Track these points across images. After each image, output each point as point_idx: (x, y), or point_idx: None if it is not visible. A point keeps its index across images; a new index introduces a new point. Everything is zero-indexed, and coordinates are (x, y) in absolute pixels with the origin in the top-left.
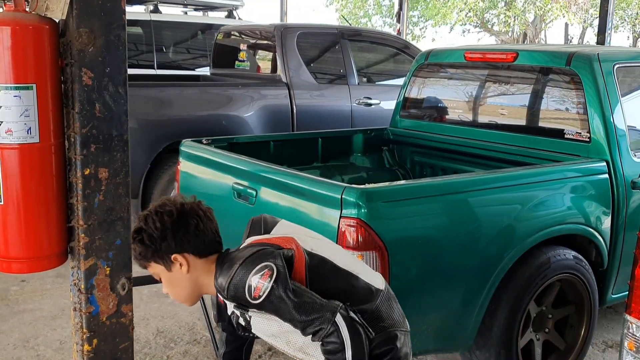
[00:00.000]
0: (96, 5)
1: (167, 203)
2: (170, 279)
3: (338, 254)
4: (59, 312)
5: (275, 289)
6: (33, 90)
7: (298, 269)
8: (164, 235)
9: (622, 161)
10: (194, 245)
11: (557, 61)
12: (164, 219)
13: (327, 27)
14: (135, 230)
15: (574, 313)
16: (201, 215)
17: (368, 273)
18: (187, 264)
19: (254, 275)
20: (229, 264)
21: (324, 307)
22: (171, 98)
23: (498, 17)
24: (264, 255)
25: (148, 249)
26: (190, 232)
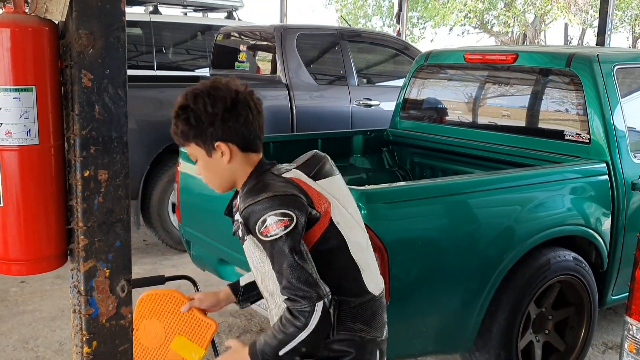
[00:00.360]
0: (96, 7)
1: (221, 87)
2: (208, 163)
3: (358, 241)
4: (59, 313)
5: (283, 240)
6: (33, 92)
7: (313, 233)
8: (212, 121)
9: (622, 162)
10: (240, 136)
11: (557, 62)
12: (217, 104)
13: (327, 28)
14: (181, 106)
15: (574, 314)
16: (252, 107)
17: (372, 273)
18: (230, 154)
19: (272, 216)
20: (261, 187)
21: (315, 286)
22: (171, 99)
23: (497, 18)
24: (293, 203)
25: (192, 130)
26: (239, 123)
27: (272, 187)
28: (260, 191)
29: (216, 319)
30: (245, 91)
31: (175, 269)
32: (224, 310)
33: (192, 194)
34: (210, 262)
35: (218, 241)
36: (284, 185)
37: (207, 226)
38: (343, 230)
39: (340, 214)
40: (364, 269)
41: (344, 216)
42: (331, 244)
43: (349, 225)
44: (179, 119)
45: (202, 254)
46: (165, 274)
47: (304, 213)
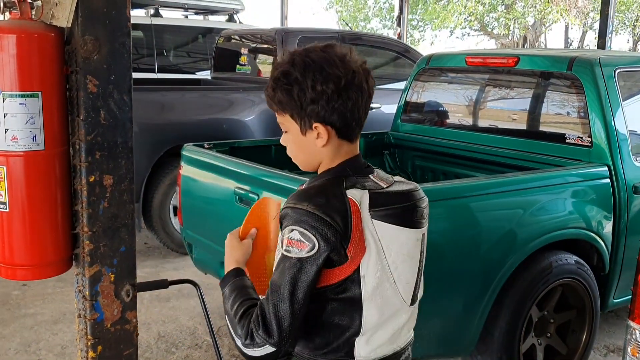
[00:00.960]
0: (101, 13)
1: (337, 64)
2: (299, 140)
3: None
4: (61, 317)
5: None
6: (38, 98)
7: (332, 275)
8: (318, 99)
9: (623, 166)
10: (342, 121)
11: (559, 66)
12: (328, 83)
13: (328, 31)
14: (285, 73)
15: (576, 318)
16: (364, 90)
17: (375, 339)
18: (327, 137)
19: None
20: (313, 193)
21: (282, 332)
22: (172, 102)
23: (498, 21)
24: (325, 234)
25: (291, 102)
26: (347, 107)
27: (321, 200)
28: (308, 197)
29: (218, 322)
30: (363, 71)
31: (176, 272)
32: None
33: (193, 197)
34: (211, 265)
35: (220, 244)
36: (334, 206)
37: (208, 229)
38: (366, 286)
39: (374, 270)
40: (365, 333)
41: (376, 274)
42: (345, 295)
43: (379, 288)
44: (279, 85)
45: (204, 257)
46: (166, 277)
47: (329, 249)
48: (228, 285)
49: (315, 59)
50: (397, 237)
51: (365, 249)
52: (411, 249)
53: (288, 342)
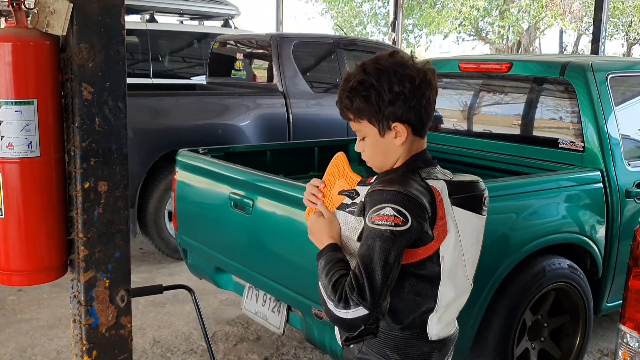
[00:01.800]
0: (96, 21)
1: (408, 65)
2: (377, 143)
3: (456, 282)
4: (56, 322)
5: (384, 235)
6: (34, 105)
7: (415, 253)
8: (395, 100)
9: (616, 170)
10: (418, 118)
11: (551, 71)
12: (405, 83)
13: (323, 37)
14: (361, 81)
15: (570, 322)
16: (434, 86)
17: (445, 319)
18: (406, 135)
19: (391, 208)
20: (399, 180)
21: (375, 296)
22: (167, 107)
23: (492, 26)
24: (417, 211)
25: (369, 108)
26: (422, 104)
27: (408, 185)
28: (395, 182)
29: (213, 327)
30: (431, 70)
31: (171, 277)
32: (221, 319)
33: (188, 203)
34: (206, 270)
35: (215, 249)
36: (420, 190)
37: (203, 234)
38: (445, 265)
39: (452, 251)
40: (439, 310)
41: (453, 255)
42: (425, 272)
43: (455, 267)
44: (356, 94)
45: (199, 263)
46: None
47: (420, 227)
48: (324, 258)
49: (387, 65)
50: (470, 221)
51: (447, 232)
52: (479, 234)
53: (380, 307)
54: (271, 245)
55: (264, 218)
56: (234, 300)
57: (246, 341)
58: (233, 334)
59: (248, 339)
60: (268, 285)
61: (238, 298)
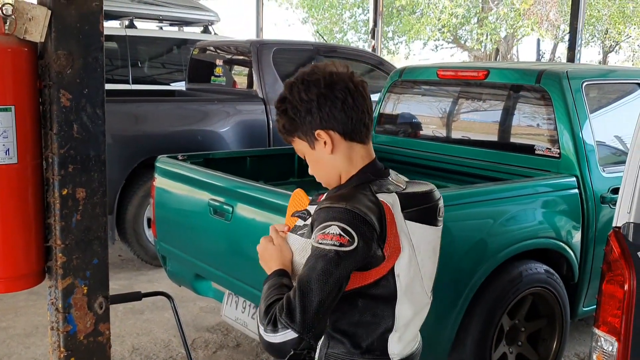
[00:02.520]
0: (74, 28)
1: (315, 71)
2: (313, 157)
3: (414, 299)
4: (33, 330)
5: (328, 255)
6: (12, 111)
7: (368, 275)
8: (309, 108)
9: (591, 176)
10: (340, 122)
11: (527, 79)
12: (312, 89)
13: (303, 44)
14: (280, 99)
15: (546, 326)
16: (352, 89)
17: (406, 337)
18: (332, 142)
19: (337, 227)
20: (347, 196)
21: (305, 320)
22: (146, 113)
23: (471, 33)
24: (364, 232)
25: (292, 123)
26: (337, 107)
27: (357, 201)
28: (343, 199)
29: (192, 334)
30: (343, 72)
31: (150, 284)
32: (200, 326)
33: (167, 209)
34: (186, 277)
35: (194, 256)
36: (369, 207)
37: (183, 241)
38: (400, 283)
39: (407, 269)
40: (398, 330)
41: (409, 272)
42: (380, 292)
43: (411, 284)
44: (278, 112)
45: (178, 270)
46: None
47: (367, 249)
48: (267, 283)
49: (297, 76)
50: (425, 235)
51: (401, 250)
52: (435, 246)
53: (311, 332)
54: (251, 252)
55: (243, 224)
56: (214, 307)
57: (226, 348)
58: (213, 341)
59: (228, 345)
60: (248, 292)
61: (217, 305)
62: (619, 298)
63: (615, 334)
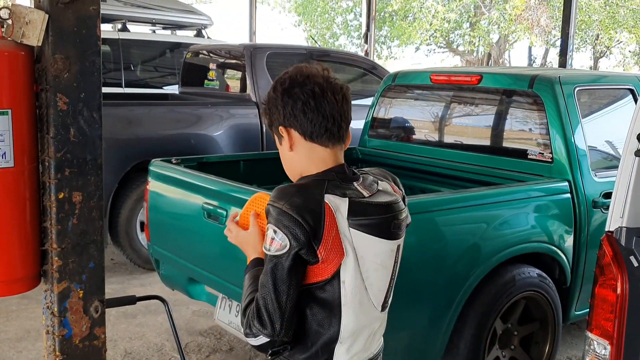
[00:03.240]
0: (72, 32)
1: (289, 71)
2: (280, 152)
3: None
4: (25, 334)
5: (269, 259)
6: (8, 115)
7: (313, 273)
8: (275, 105)
9: (583, 181)
10: (299, 122)
11: (520, 84)
12: (277, 87)
13: (296, 48)
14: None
15: (539, 330)
16: (316, 91)
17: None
18: (290, 140)
19: (272, 231)
20: (291, 192)
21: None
22: (139, 117)
23: (463, 38)
24: (296, 234)
25: (268, 118)
26: (297, 107)
27: (297, 197)
28: (286, 195)
29: (185, 338)
30: (317, 75)
31: (143, 288)
32: (193, 330)
33: (161, 213)
34: (179, 281)
35: (187, 260)
36: (306, 206)
37: (176, 245)
38: (345, 293)
39: (353, 276)
40: (344, 341)
41: (356, 280)
42: (324, 296)
43: (358, 294)
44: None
45: (171, 273)
46: (133, 293)
47: (299, 247)
48: (247, 274)
49: (279, 77)
50: (372, 246)
51: (344, 254)
52: (385, 259)
53: (281, 333)
54: (244, 256)
55: None
56: (207, 311)
57: (219, 352)
58: (206, 344)
59: (221, 349)
60: (241, 296)
61: (210, 309)
62: (612, 302)
63: (608, 337)
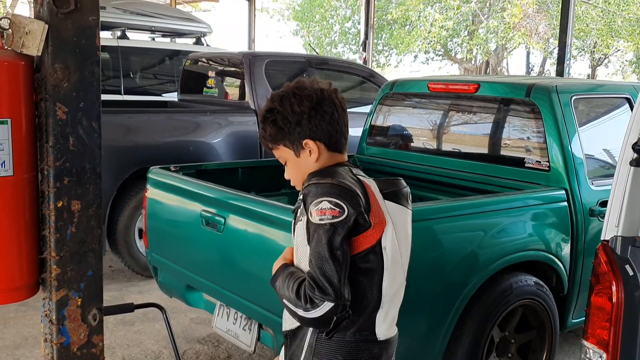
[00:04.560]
0: (71, 42)
1: (306, 87)
2: (296, 164)
3: (396, 278)
4: (22, 342)
5: (326, 228)
6: (8, 124)
7: (358, 243)
8: (300, 120)
9: (580, 189)
10: (327, 134)
11: (517, 92)
12: (303, 102)
13: (295, 56)
14: (267, 109)
15: (536, 338)
16: (337, 104)
17: (389, 317)
18: (318, 151)
19: (327, 202)
20: (329, 173)
21: (335, 286)
22: (138, 124)
23: (461, 46)
24: (351, 199)
25: (280, 132)
26: (325, 121)
27: (339, 176)
28: (326, 175)
29: (183, 346)
30: (330, 89)
31: (141, 296)
32: (191, 337)
33: (159, 220)
34: (177, 288)
35: (186, 267)
36: (350, 182)
37: (174, 252)
38: (387, 258)
39: (392, 242)
40: (384, 307)
41: (393, 246)
42: (368, 266)
43: (395, 258)
44: (266, 122)
45: (170, 281)
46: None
47: (357, 213)
48: (278, 278)
49: (287, 90)
50: (401, 215)
51: (386, 222)
52: (408, 228)
53: (343, 296)
54: (243, 263)
55: (235, 236)
56: (205, 318)
57: (217, 359)
58: (204, 352)
59: (219, 357)
60: (239, 303)
61: (208, 316)
62: (607, 310)
63: (604, 346)
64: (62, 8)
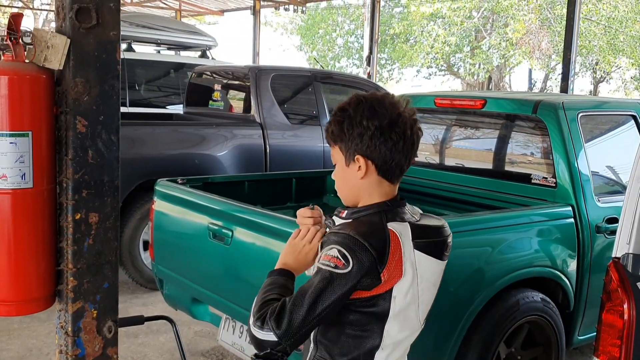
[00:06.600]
0: (92, 56)
1: (386, 105)
2: (343, 172)
3: (407, 320)
4: (27, 353)
5: (323, 274)
6: (29, 137)
7: (363, 291)
8: (362, 134)
9: (586, 206)
10: (382, 159)
11: (524, 109)
12: (374, 118)
13: (300, 70)
14: (341, 108)
15: (542, 354)
16: (408, 135)
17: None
18: (366, 170)
19: (337, 250)
20: (356, 225)
21: (288, 333)
22: (144, 136)
23: (463, 62)
24: (361, 259)
25: (341, 134)
26: (387, 146)
27: (362, 228)
28: (352, 226)
29: (187, 358)
30: (410, 118)
31: (145, 308)
32: (195, 350)
33: (166, 232)
34: (183, 301)
35: (192, 280)
36: (372, 233)
37: (180, 265)
38: (395, 304)
39: (405, 293)
40: (385, 348)
41: (408, 294)
42: (373, 309)
43: (409, 304)
44: (334, 118)
45: (175, 293)
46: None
47: (362, 274)
48: (271, 277)
49: (368, 98)
50: (430, 267)
51: (403, 275)
52: (437, 279)
53: (290, 341)
54: (249, 276)
55: (243, 249)
56: (209, 331)
57: None
58: None
59: None
60: (246, 317)
61: (212, 329)
62: (619, 328)
63: None
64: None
